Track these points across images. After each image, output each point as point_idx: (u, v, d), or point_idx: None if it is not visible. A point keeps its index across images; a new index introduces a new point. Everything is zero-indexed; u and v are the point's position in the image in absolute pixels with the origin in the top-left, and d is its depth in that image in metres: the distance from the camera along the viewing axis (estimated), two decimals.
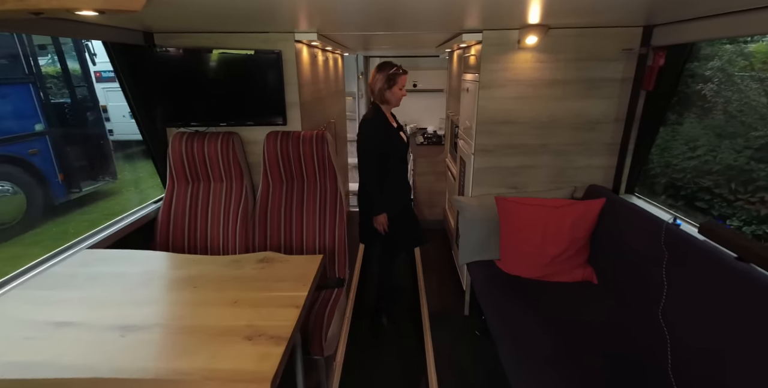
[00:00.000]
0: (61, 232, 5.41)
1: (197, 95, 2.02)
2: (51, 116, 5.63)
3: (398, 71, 2.07)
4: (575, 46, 1.98)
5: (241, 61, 1.99)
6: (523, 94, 2.06)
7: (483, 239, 2.17)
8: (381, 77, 2.07)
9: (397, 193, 2.24)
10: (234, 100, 2.04)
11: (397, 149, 2.18)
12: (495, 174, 2.22)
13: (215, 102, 2.04)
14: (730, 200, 4.38)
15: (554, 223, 1.97)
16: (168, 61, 1.95)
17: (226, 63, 1.98)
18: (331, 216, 2.07)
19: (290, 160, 2.06)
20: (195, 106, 2.04)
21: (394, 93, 2.10)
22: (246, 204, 2.10)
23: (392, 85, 2.08)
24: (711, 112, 4.76)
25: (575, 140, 2.15)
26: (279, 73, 1.99)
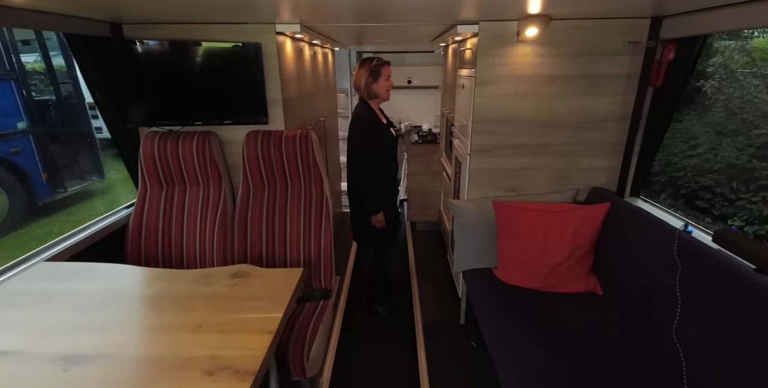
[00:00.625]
0: (45, 233, 5.23)
1: (170, 92, 1.86)
2: (35, 114, 5.45)
3: (380, 62, 2.04)
4: (578, 39, 1.84)
5: (218, 55, 1.83)
6: (522, 90, 1.92)
7: (479, 246, 2.04)
8: (364, 72, 2.05)
9: (389, 189, 2.23)
10: (210, 97, 1.88)
11: (388, 145, 2.15)
12: (492, 176, 2.08)
13: (190, 99, 1.88)
14: (732, 199, 4.27)
15: (556, 229, 1.84)
16: (138, 55, 1.78)
17: (202, 57, 1.83)
18: (316, 221, 1.92)
19: (272, 161, 1.91)
20: (168, 103, 1.88)
21: (381, 85, 2.08)
22: (224, 209, 1.95)
23: (377, 77, 2.05)
24: (711, 109, 4.65)
25: (577, 140, 2.01)
26: (259, 67, 1.84)
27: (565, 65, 1.88)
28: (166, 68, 1.82)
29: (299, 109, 2.28)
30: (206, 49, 1.82)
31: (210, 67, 1.84)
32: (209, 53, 1.83)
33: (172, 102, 1.87)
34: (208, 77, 1.85)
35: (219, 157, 1.97)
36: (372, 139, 2.08)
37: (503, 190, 2.11)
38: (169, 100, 1.87)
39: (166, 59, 1.81)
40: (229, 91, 1.88)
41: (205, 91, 1.87)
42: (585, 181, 2.09)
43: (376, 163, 2.10)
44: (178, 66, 1.82)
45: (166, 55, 1.81)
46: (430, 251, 3.29)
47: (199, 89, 1.87)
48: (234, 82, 1.87)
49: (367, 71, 2.04)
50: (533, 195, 2.09)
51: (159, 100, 1.87)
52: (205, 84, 1.86)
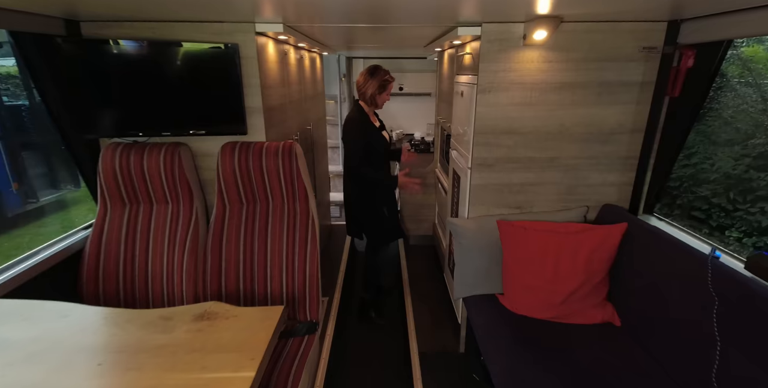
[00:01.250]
0: (14, 247, 4.90)
1: (134, 98, 1.64)
2: (5, 120, 5.15)
3: (390, 79, 2.17)
4: (589, 44, 1.68)
5: (189, 57, 1.62)
6: (528, 99, 1.75)
7: (482, 270, 1.85)
8: (374, 83, 2.14)
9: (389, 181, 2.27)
10: (180, 105, 1.67)
11: (380, 147, 2.20)
12: (495, 192, 1.90)
13: (157, 106, 1.66)
14: (729, 209, 4.20)
15: (568, 253, 1.66)
16: (97, 57, 1.56)
17: (171, 59, 1.61)
18: (301, 244, 1.71)
19: (251, 177, 1.69)
20: (131, 111, 1.66)
21: (383, 98, 2.20)
22: (196, 231, 1.72)
23: (383, 92, 2.17)
24: (704, 118, 4.60)
25: (587, 154, 1.85)
26: (236, 71, 1.63)
27: (575, 72, 1.71)
28: (130, 72, 1.60)
29: (283, 119, 2.08)
30: (176, 51, 1.61)
31: (180, 70, 1.63)
32: (179, 55, 1.62)
33: (136, 110, 1.65)
34: (178, 82, 1.64)
35: (190, 171, 1.75)
36: (365, 142, 2.14)
37: (507, 207, 1.93)
38: (132, 107, 1.65)
39: (129, 61, 1.59)
40: (201, 98, 1.67)
41: (174, 98, 1.66)
42: (595, 197, 1.93)
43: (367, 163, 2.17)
44: (144, 69, 1.61)
45: (129, 56, 1.59)
46: (425, 268, 3.09)
47: (168, 96, 1.65)
48: (208, 88, 1.66)
49: (378, 83, 2.13)
50: (540, 213, 1.92)
51: (121, 107, 1.64)
52: (175, 90, 1.64)
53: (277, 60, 1.97)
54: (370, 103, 2.17)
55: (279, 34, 1.80)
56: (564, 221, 1.85)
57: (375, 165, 2.19)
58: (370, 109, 2.22)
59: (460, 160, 2.09)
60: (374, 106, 2.20)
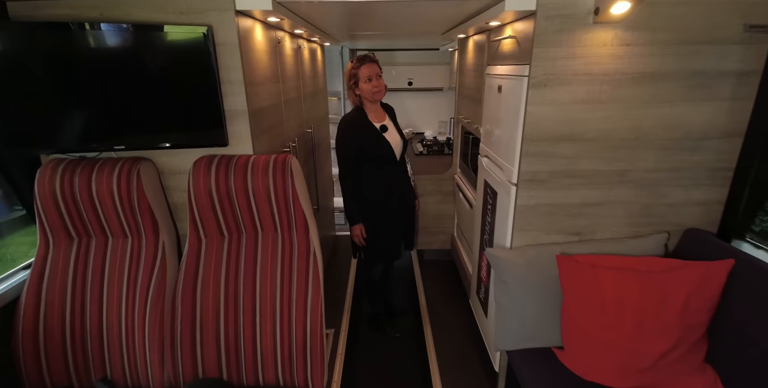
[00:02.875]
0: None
1: (76, 100, 1.23)
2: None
3: (356, 64, 1.78)
4: (679, 21, 1.26)
5: (148, 46, 1.21)
6: (597, 95, 1.33)
7: (533, 316, 1.44)
8: (346, 75, 1.84)
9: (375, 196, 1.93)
10: (139, 109, 1.26)
11: (374, 151, 1.86)
12: (548, 215, 1.49)
13: (107, 111, 1.25)
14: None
15: (655, 299, 1.25)
16: (28, 45, 1.16)
17: (124, 47, 1.20)
18: (300, 289, 1.31)
19: (233, 201, 1.29)
20: (74, 117, 1.25)
21: (362, 89, 1.81)
22: (162, 274, 1.32)
23: (357, 82, 1.80)
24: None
25: (668, 165, 1.43)
26: (209, 63, 1.22)
27: (660, 58, 1.29)
28: (71, 65, 1.19)
29: (275, 123, 1.67)
30: (130, 37, 1.20)
31: (137, 63, 1.22)
32: (135, 43, 1.21)
33: (79, 116, 1.24)
34: (135, 79, 1.23)
35: (154, 194, 1.35)
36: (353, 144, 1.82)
37: (563, 233, 1.52)
38: (75, 113, 1.24)
39: (70, 51, 1.18)
40: (166, 100, 1.26)
41: (129, 100, 1.25)
42: (674, 219, 1.51)
43: (358, 169, 1.88)
44: (89, 62, 1.20)
45: (70, 44, 1.18)
46: (444, 288, 2.68)
47: (121, 97, 1.24)
48: (173, 86, 1.25)
49: (347, 76, 1.83)
50: (606, 241, 1.50)
51: (60, 113, 1.24)
52: (130, 89, 1.23)
53: (267, 49, 1.56)
54: (354, 99, 1.89)
55: (269, 15, 1.38)
56: (639, 251, 1.44)
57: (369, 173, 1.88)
58: (370, 105, 1.88)
59: (497, 173, 1.68)
60: (366, 101, 1.85)
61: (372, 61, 1.79)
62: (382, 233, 1.98)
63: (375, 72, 1.78)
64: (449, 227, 3.04)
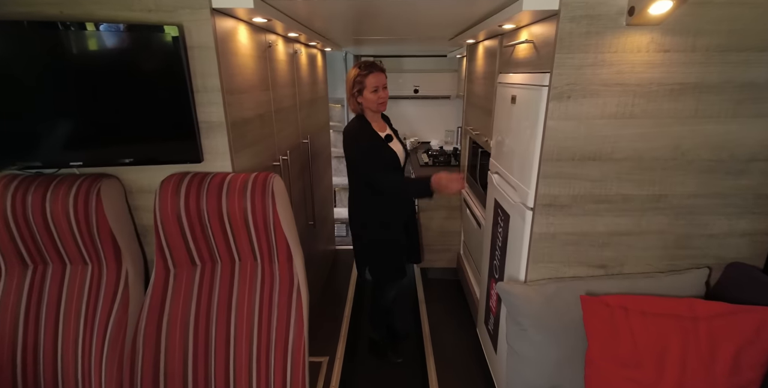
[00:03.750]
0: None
1: (30, 107, 1.07)
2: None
3: (363, 72, 1.62)
4: (728, 24, 1.07)
5: (111, 46, 1.06)
6: (629, 108, 1.15)
7: (552, 364, 1.24)
8: (349, 82, 1.68)
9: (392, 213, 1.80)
10: (98, 119, 1.10)
11: (387, 161, 1.72)
12: (569, 244, 1.30)
13: (62, 122, 1.09)
14: None
15: (699, 351, 1.05)
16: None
17: (84, 49, 1.05)
18: (280, 329, 1.13)
19: (205, 225, 1.12)
20: (25, 128, 1.09)
21: (367, 98, 1.66)
22: (124, 308, 1.15)
23: (361, 90, 1.65)
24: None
25: (711, 190, 1.24)
26: (180, 69, 1.06)
27: (705, 67, 1.11)
28: (21, 68, 1.04)
29: (262, 135, 1.51)
30: (92, 38, 1.04)
31: (98, 67, 1.06)
32: (96, 44, 1.05)
33: (28, 125, 1.09)
34: (94, 84, 1.07)
35: (118, 216, 1.18)
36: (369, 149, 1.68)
37: (586, 265, 1.33)
38: (23, 121, 1.08)
39: (21, 53, 1.03)
40: (129, 109, 1.10)
41: (87, 109, 1.09)
42: (715, 252, 1.31)
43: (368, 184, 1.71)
44: (44, 64, 1.04)
45: (21, 45, 1.03)
46: (449, 311, 2.48)
47: (78, 105, 1.08)
48: (138, 94, 1.09)
49: (351, 83, 1.66)
50: (636, 276, 1.30)
51: (10, 122, 1.08)
52: (89, 96, 1.08)
53: (254, 54, 1.40)
54: (355, 108, 1.74)
55: (253, 15, 1.22)
56: (676, 290, 1.24)
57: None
58: (371, 115, 1.74)
59: (510, 193, 1.49)
60: (368, 110, 1.71)
61: (380, 71, 1.66)
62: (395, 250, 1.85)
63: (382, 82, 1.66)
64: (455, 244, 2.85)
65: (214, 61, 1.10)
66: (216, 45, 1.09)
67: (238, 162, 1.26)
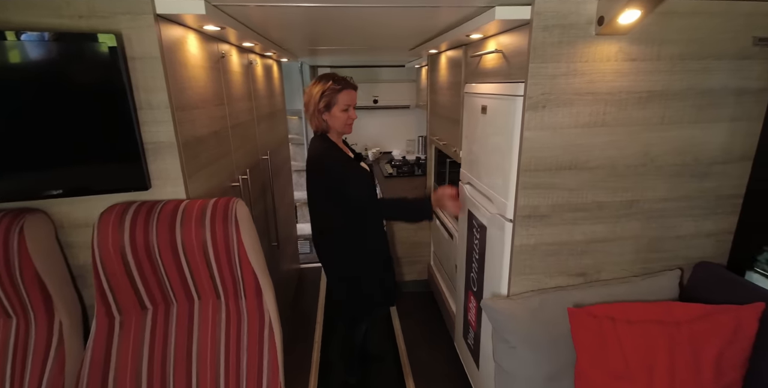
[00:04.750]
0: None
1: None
2: None
3: (335, 86, 1.45)
4: (690, 33, 1.11)
5: (36, 58, 0.89)
6: (601, 117, 1.15)
7: (541, 380, 1.20)
8: (315, 95, 1.46)
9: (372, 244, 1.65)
10: (19, 143, 0.92)
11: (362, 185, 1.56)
12: (550, 255, 1.28)
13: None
14: None
15: (685, 356, 1.05)
16: None
17: (3, 64, 0.88)
18: (252, 373, 1.00)
19: (155, 261, 0.97)
20: None
21: (335, 116, 1.49)
22: (59, 369, 0.97)
23: (330, 106, 1.47)
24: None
25: (678, 193, 1.27)
26: (119, 84, 0.92)
27: (669, 75, 1.13)
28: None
29: (219, 154, 1.37)
30: (8, 47, 0.87)
31: (20, 82, 0.89)
32: (19, 54, 0.88)
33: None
34: (15, 102, 0.90)
35: (48, 257, 1.00)
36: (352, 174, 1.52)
37: (566, 275, 1.31)
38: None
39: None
40: (59, 131, 0.93)
41: (5, 131, 0.91)
42: (683, 253, 1.35)
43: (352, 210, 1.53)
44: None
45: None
46: (424, 326, 2.42)
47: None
48: (70, 113, 0.93)
49: (319, 95, 1.45)
50: (614, 282, 1.31)
51: None
52: (8, 116, 0.90)
53: (205, 65, 1.27)
54: (325, 127, 1.53)
55: (204, 22, 1.10)
56: (654, 293, 1.25)
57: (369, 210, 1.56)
58: (335, 135, 1.57)
59: (485, 205, 1.46)
60: (333, 131, 1.55)
61: (354, 88, 1.51)
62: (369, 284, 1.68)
63: (354, 102, 1.51)
64: (425, 255, 2.80)
65: (161, 73, 0.97)
66: (162, 55, 0.96)
67: (193, 187, 1.12)
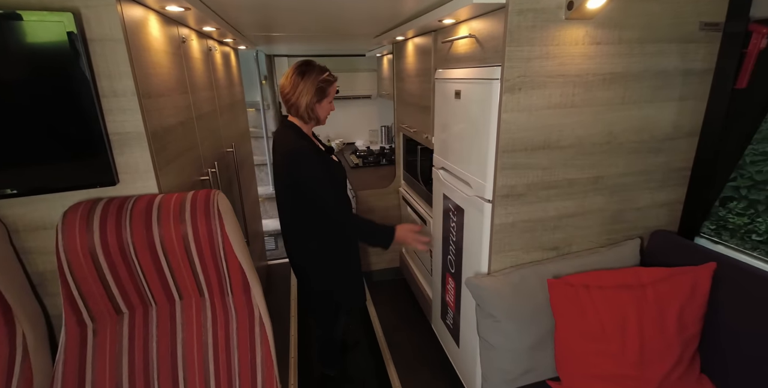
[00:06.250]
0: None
1: None
2: None
3: (330, 78, 1.45)
4: (645, 19, 1.19)
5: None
6: (570, 98, 1.21)
7: (525, 349, 1.27)
8: (309, 86, 1.40)
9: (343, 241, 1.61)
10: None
11: (338, 178, 1.53)
12: (526, 231, 1.34)
13: None
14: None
15: (652, 316, 1.15)
16: None
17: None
18: (245, 370, 0.96)
19: (130, 262, 0.90)
20: None
21: (324, 108, 1.48)
22: (27, 384, 0.88)
23: (322, 98, 1.45)
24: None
25: (636, 168, 1.38)
26: (77, 69, 0.83)
27: (629, 58, 1.21)
28: None
29: (188, 146, 1.28)
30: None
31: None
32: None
33: None
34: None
35: (4, 265, 0.89)
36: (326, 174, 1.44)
37: (541, 250, 1.38)
38: None
39: None
40: (10, 123, 0.83)
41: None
42: (641, 223, 1.47)
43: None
44: None
45: None
46: (400, 312, 2.45)
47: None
48: (22, 102, 0.83)
49: (314, 86, 1.40)
50: (584, 253, 1.40)
51: None
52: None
53: (168, 50, 1.18)
54: (307, 118, 1.44)
55: (166, 3, 1.02)
56: (619, 261, 1.36)
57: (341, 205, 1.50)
58: (308, 127, 1.49)
59: (462, 188, 1.49)
60: (314, 121, 1.47)
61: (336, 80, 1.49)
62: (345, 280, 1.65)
63: None
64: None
65: (125, 57, 0.88)
66: (125, 38, 0.87)
67: (163, 180, 1.04)
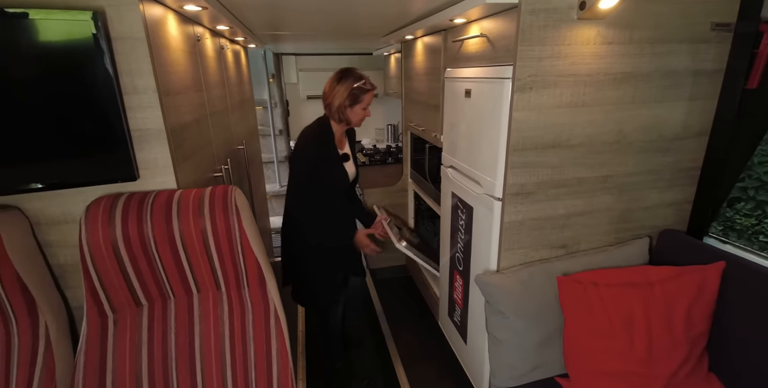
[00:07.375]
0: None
1: None
2: None
3: (365, 86, 1.52)
4: (654, 19, 1.20)
5: (7, 38, 0.80)
6: (581, 97, 1.22)
7: (534, 346, 1.28)
8: (342, 91, 1.50)
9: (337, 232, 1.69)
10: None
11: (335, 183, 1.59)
12: (535, 229, 1.35)
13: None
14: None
15: (660, 314, 1.16)
16: None
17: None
18: (261, 363, 0.99)
19: (151, 255, 0.93)
20: None
21: (357, 113, 1.56)
22: (49, 375, 0.90)
23: (355, 104, 1.53)
24: None
25: (645, 167, 1.38)
26: (101, 67, 0.85)
27: (639, 58, 1.22)
28: None
29: (202, 143, 1.31)
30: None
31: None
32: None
33: None
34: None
35: (26, 257, 0.92)
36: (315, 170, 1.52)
37: (550, 248, 1.40)
38: None
39: None
40: (35, 119, 0.85)
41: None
42: (650, 222, 1.48)
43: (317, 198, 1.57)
44: None
45: None
46: (407, 310, 2.47)
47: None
48: (46, 99, 0.85)
49: (347, 91, 1.50)
50: (592, 252, 1.41)
51: None
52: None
53: (184, 48, 1.20)
54: (338, 119, 1.55)
55: (185, 1, 1.04)
56: (627, 260, 1.37)
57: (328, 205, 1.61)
58: (340, 126, 1.59)
59: (471, 186, 1.51)
60: (345, 123, 1.58)
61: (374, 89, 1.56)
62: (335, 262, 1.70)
63: (371, 101, 1.56)
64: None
65: (146, 55, 0.90)
66: (147, 36, 0.89)
67: (182, 176, 1.06)
